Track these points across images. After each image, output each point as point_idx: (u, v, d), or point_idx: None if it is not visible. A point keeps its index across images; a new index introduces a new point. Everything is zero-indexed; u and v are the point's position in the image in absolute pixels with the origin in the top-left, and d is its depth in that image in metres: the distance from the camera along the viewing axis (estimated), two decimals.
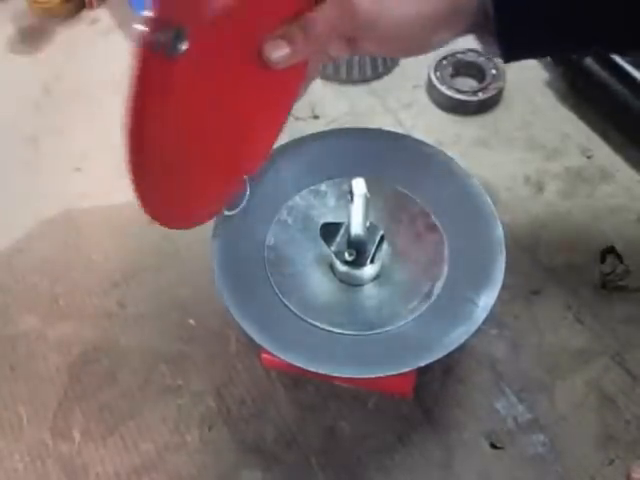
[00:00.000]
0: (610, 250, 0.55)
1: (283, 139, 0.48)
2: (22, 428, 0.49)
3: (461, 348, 0.41)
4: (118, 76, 0.71)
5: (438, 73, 0.67)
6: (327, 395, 0.50)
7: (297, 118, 0.67)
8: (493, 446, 0.47)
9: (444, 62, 0.68)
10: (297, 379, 0.50)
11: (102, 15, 0.79)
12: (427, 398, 0.49)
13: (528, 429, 0.47)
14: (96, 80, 0.71)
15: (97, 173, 0.63)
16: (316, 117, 0.67)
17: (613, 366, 0.50)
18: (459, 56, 0.68)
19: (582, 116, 0.65)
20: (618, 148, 0.62)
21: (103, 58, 0.74)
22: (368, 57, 0.67)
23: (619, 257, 0.55)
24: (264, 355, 0.50)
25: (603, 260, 0.55)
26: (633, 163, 0.61)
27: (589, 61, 0.63)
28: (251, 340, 0.42)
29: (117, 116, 0.30)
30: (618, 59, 0.61)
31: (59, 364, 0.52)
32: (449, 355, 0.40)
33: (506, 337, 0.51)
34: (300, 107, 0.67)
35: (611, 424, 0.47)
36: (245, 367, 0.51)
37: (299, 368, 0.42)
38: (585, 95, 0.65)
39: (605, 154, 0.62)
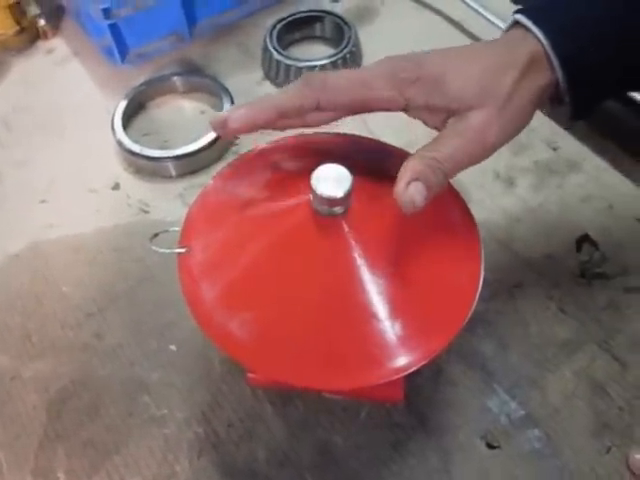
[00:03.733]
0: (585, 238, 0.56)
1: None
2: (2, 474, 0.47)
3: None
4: (77, 105, 0.70)
5: None
6: (317, 410, 0.48)
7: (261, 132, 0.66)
8: (489, 446, 0.46)
9: None
10: (285, 396, 0.49)
11: (57, 45, 0.78)
12: (419, 403, 0.48)
13: (522, 425, 0.47)
14: (56, 110, 0.70)
15: (63, 203, 0.62)
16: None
17: (600, 353, 0.50)
18: None
19: (546, 110, 0.66)
20: (583, 138, 0.63)
21: (61, 87, 0.72)
22: (331, 68, 0.67)
23: (594, 245, 0.55)
24: (250, 374, 0.48)
25: (579, 249, 0.55)
26: (599, 152, 0.62)
27: None
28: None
29: (79, 144, 0.29)
30: None
31: (37, 403, 0.50)
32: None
33: (492, 334, 0.51)
34: None
35: (604, 412, 0.47)
36: (230, 388, 0.50)
37: (286, 384, 0.40)
38: None
39: (571, 145, 0.63)
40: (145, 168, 0.63)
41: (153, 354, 0.52)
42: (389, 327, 0.37)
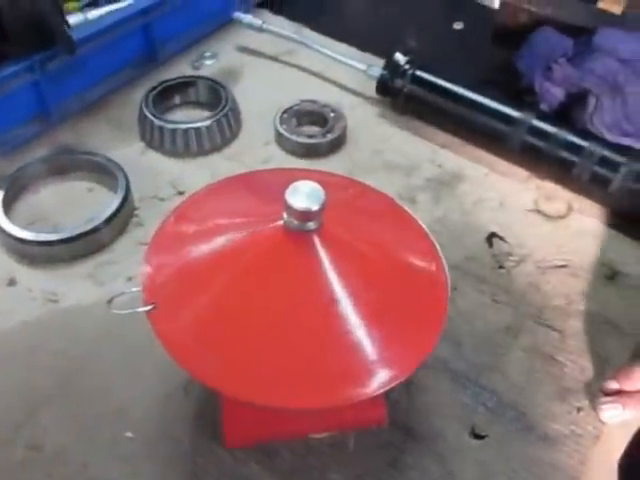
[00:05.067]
0: (492, 235, 0.61)
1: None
2: None
3: None
4: None
5: (284, 126, 0.70)
6: (304, 454, 0.46)
7: (162, 199, 0.64)
8: (478, 437, 0.47)
9: (285, 115, 0.71)
10: (268, 450, 0.46)
11: None
12: (401, 417, 0.48)
13: (499, 410, 0.49)
14: None
15: None
16: (181, 193, 0.65)
17: (539, 329, 0.54)
18: (297, 108, 0.72)
19: (421, 135, 0.72)
20: (460, 151, 0.70)
21: None
22: (216, 127, 0.68)
23: (502, 238, 0.61)
24: (227, 436, 0.45)
25: (490, 245, 0.61)
26: (476, 160, 0.69)
27: (412, 87, 0.71)
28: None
29: None
30: (433, 78, 0.70)
31: None
32: None
33: (445, 338, 0.52)
34: (162, 188, 0.65)
35: (562, 378, 0.51)
36: (207, 459, 0.46)
37: (265, 436, 0.39)
38: (417, 115, 0.73)
39: (451, 159, 0.69)
40: (41, 256, 0.57)
41: (108, 448, 0.46)
42: (368, 343, 0.38)
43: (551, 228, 0.63)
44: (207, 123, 0.67)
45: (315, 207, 0.36)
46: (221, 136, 0.69)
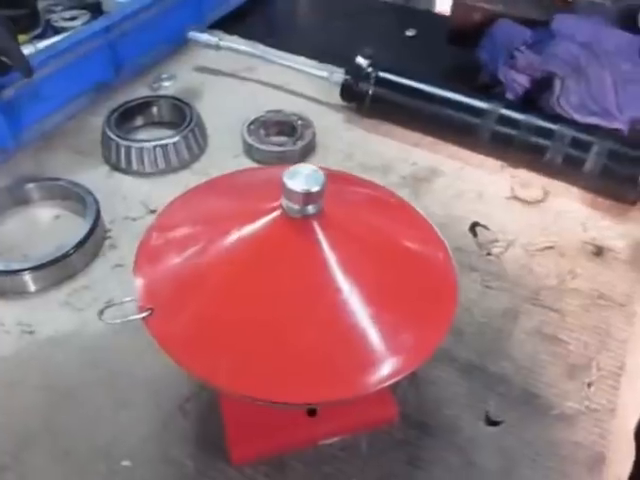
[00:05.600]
0: (475, 224, 0.61)
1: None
2: None
3: None
4: None
5: (253, 137, 0.69)
6: (317, 462, 0.44)
7: (134, 219, 0.61)
8: (493, 424, 0.46)
9: (252, 127, 0.70)
10: (277, 463, 0.43)
11: None
12: (411, 413, 0.46)
13: (511, 394, 0.47)
14: None
15: None
16: (153, 211, 0.62)
17: (537, 310, 0.53)
18: (263, 119, 0.71)
19: (391, 136, 0.72)
20: (432, 149, 0.70)
21: None
22: (183, 143, 0.66)
23: (485, 227, 0.61)
24: (233, 452, 0.42)
25: (475, 235, 0.60)
26: (449, 155, 0.69)
27: (377, 89, 0.71)
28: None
29: None
30: (398, 78, 0.70)
31: None
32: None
33: None
34: (133, 208, 0.62)
35: (567, 355, 0.50)
36: (214, 478, 0.43)
37: (273, 448, 0.36)
38: (384, 118, 0.73)
39: (425, 157, 0.69)
40: (12, 287, 0.54)
41: None
42: (378, 331, 0.36)
43: (531, 213, 0.63)
44: (174, 140, 0.65)
45: (316, 188, 0.34)
46: (189, 152, 0.67)
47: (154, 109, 0.72)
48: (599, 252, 0.59)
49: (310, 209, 0.35)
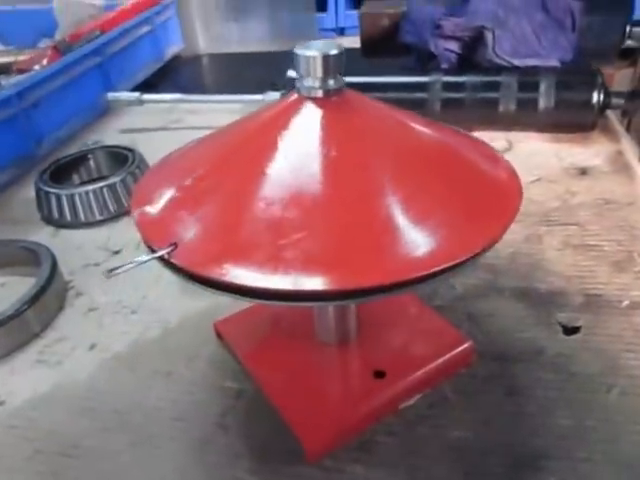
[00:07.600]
0: None
1: None
2: None
3: None
4: None
5: None
6: (406, 428, 0.36)
7: (97, 264, 0.53)
8: (572, 331, 0.41)
9: None
10: (359, 445, 0.35)
11: None
12: (484, 350, 0.40)
13: (572, 301, 0.43)
14: None
15: None
16: (117, 252, 0.55)
17: (555, 228, 0.51)
18: None
19: None
20: None
21: None
22: (131, 179, 0.60)
23: None
24: (306, 446, 0.34)
25: None
26: None
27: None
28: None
29: None
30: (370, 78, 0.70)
31: None
32: None
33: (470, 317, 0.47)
34: (92, 255, 0.54)
35: (606, 256, 0.47)
36: None
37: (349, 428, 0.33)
38: None
39: None
40: None
41: None
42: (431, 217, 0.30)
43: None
44: (120, 177, 0.59)
45: (334, 51, 0.30)
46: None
47: (90, 163, 0.65)
48: (584, 171, 0.58)
49: (331, 83, 0.31)
